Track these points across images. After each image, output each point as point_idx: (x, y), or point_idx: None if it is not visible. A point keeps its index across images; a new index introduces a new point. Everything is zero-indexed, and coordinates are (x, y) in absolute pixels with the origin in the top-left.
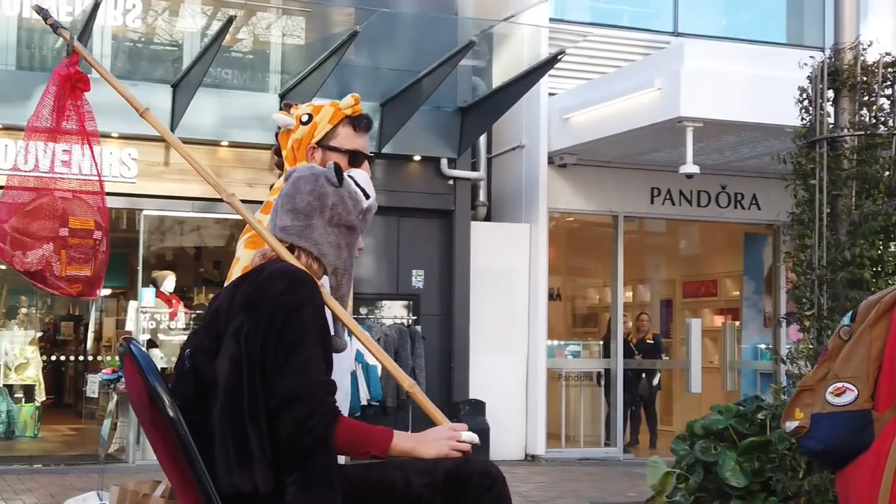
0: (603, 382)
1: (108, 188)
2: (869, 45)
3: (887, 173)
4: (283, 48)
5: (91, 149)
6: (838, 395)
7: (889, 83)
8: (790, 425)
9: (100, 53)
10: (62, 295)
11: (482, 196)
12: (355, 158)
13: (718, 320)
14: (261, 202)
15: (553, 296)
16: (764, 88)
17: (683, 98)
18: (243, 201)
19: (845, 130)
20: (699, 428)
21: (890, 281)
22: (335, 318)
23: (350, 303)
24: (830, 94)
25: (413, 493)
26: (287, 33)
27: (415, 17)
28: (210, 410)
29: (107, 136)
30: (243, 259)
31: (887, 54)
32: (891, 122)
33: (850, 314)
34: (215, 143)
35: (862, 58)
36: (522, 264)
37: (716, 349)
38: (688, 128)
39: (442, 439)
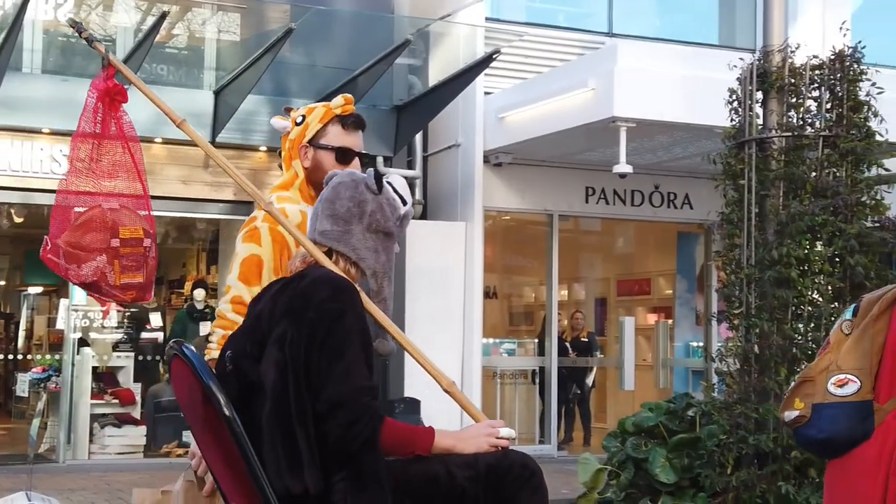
0: (537, 380)
1: (39, 185)
2: (797, 48)
3: (814, 174)
4: (218, 44)
5: (133, 158)
6: (841, 386)
7: (816, 85)
8: (790, 415)
9: (31, 48)
10: (117, 302)
11: (418, 194)
12: (344, 155)
13: (652, 318)
14: (194, 199)
15: (489, 294)
16: (696, 89)
17: (617, 98)
18: (176, 199)
19: (773, 132)
20: (630, 425)
21: (816, 280)
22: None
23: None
24: (759, 95)
25: (457, 486)
26: (222, 30)
27: (350, 15)
28: (254, 412)
29: (37, 132)
30: (241, 253)
31: (814, 57)
32: (817, 124)
33: (851, 309)
34: (148, 140)
35: (790, 60)
36: (458, 262)
37: (649, 347)
38: (621, 128)
39: (481, 436)
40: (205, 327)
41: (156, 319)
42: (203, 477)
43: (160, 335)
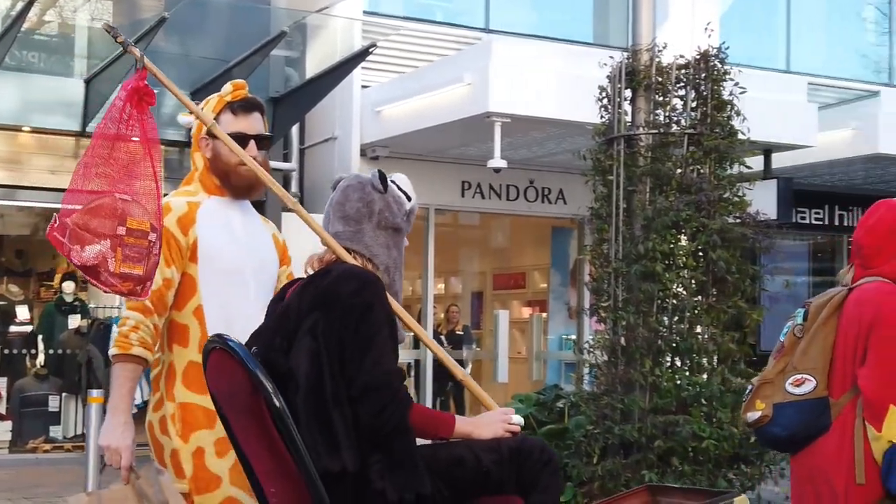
0: (413, 373)
1: None
2: (664, 48)
3: (679, 171)
4: (89, 32)
5: (152, 157)
6: (798, 385)
7: (682, 84)
8: (752, 416)
9: None
10: (113, 292)
11: (294, 187)
12: (240, 141)
13: (527, 312)
14: (63, 189)
15: None
16: (570, 86)
17: (492, 94)
18: (45, 189)
19: (641, 129)
20: None
21: (680, 273)
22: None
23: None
24: (628, 93)
25: (482, 468)
26: (94, 17)
27: (226, 5)
28: (287, 400)
29: None
30: None
31: (680, 56)
32: (683, 122)
33: (802, 314)
34: (16, 129)
35: (657, 60)
36: None
37: (524, 340)
38: (496, 123)
39: (496, 422)
40: (74, 321)
41: (23, 312)
42: (123, 469)
43: (28, 328)
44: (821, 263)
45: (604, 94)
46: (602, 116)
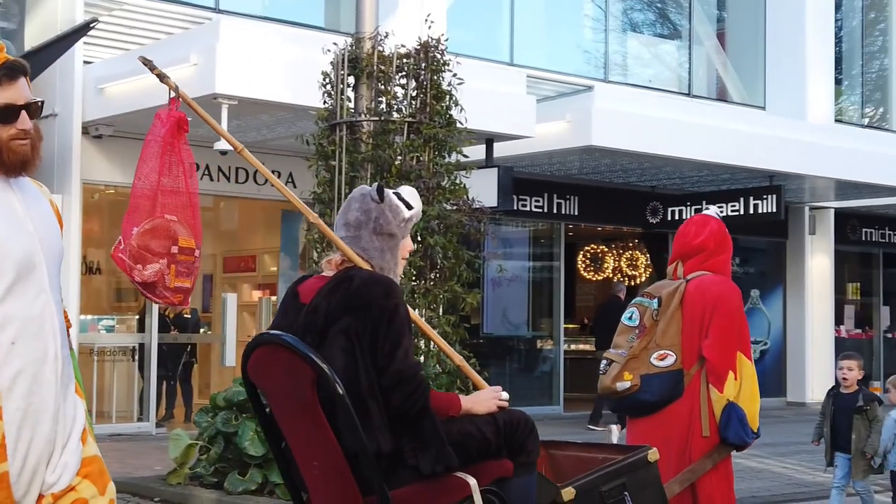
0: (137, 357)
1: None
2: (386, 37)
3: (399, 158)
4: None
5: (186, 179)
6: (662, 359)
7: (403, 74)
8: (622, 385)
9: None
10: (166, 304)
11: None
12: (5, 115)
13: (257, 295)
14: None
15: (93, 269)
16: (298, 70)
17: (219, 75)
18: None
19: (363, 116)
20: (221, 400)
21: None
22: None
23: None
24: (351, 80)
25: (485, 439)
26: None
27: None
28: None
29: None
30: None
31: (402, 46)
32: (403, 110)
33: (656, 301)
34: None
35: (379, 48)
36: None
37: (254, 323)
38: (223, 105)
39: (489, 399)
40: None
41: None
42: None
43: None
44: (541, 249)
45: (327, 81)
46: (325, 102)
